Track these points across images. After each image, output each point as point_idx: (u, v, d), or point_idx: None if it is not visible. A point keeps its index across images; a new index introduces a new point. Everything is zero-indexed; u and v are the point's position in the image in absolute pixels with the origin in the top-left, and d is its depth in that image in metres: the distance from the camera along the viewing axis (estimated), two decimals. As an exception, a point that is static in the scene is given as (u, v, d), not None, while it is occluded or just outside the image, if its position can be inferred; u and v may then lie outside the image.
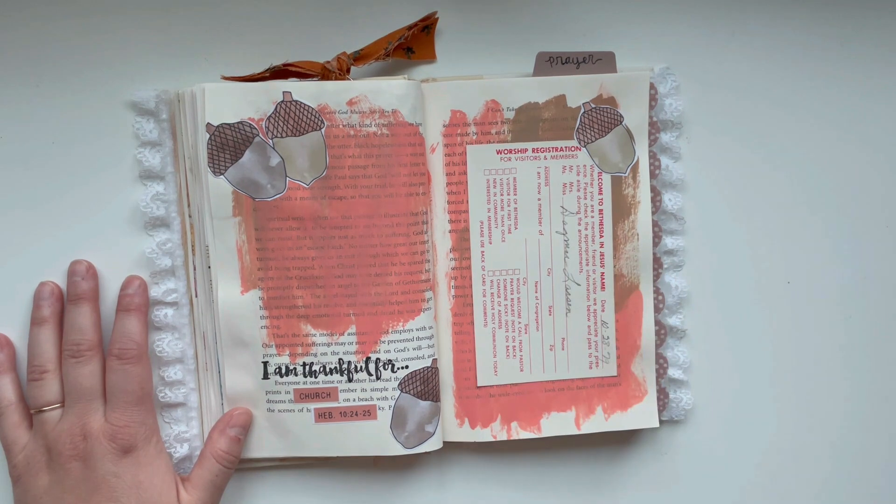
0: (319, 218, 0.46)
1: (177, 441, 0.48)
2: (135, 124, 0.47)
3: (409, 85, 0.46)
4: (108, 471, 0.43)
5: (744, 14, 0.51)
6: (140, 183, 0.48)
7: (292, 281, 0.47)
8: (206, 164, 0.46)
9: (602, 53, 0.48)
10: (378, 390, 0.48)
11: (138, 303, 0.46)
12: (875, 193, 0.52)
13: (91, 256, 0.47)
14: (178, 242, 0.48)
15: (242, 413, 0.47)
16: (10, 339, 0.47)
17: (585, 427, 0.50)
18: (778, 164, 0.51)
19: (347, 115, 0.46)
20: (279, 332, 0.47)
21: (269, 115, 0.45)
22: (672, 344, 0.51)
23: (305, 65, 0.46)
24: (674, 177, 0.50)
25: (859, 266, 0.53)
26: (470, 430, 0.50)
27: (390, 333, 0.47)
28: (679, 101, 0.50)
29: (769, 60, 0.51)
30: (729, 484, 0.53)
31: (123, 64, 0.47)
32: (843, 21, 0.51)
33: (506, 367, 0.50)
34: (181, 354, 0.48)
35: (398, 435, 0.48)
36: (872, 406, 0.53)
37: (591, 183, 0.49)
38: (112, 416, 0.44)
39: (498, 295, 0.49)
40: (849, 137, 0.52)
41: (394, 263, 0.47)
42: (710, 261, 0.51)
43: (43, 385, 0.45)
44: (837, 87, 0.52)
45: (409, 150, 0.47)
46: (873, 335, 0.53)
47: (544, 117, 0.48)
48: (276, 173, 0.46)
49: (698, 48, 0.50)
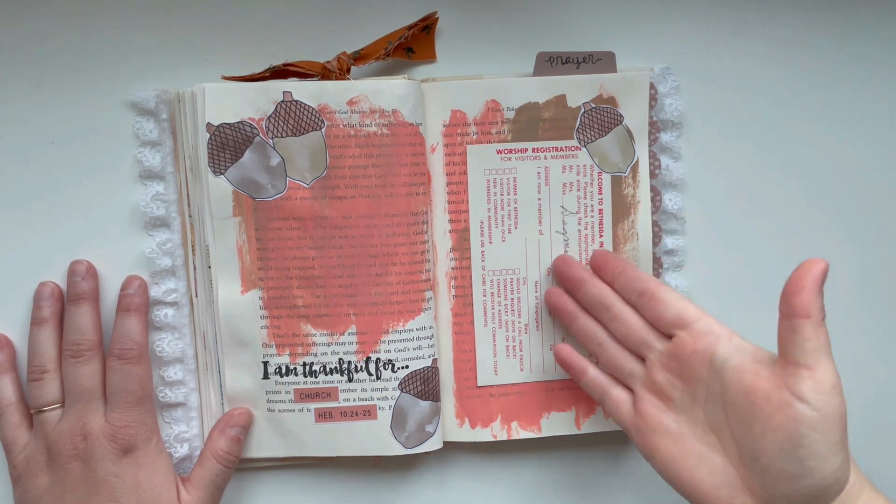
0: (319, 218, 0.46)
1: (177, 441, 0.48)
2: (135, 124, 0.47)
3: (410, 85, 0.46)
4: (109, 471, 0.43)
5: (744, 14, 0.51)
6: (140, 183, 0.48)
7: (292, 281, 0.47)
8: (207, 164, 0.46)
9: (602, 53, 0.48)
10: (378, 390, 0.48)
11: (138, 303, 0.46)
12: (875, 193, 0.52)
13: (91, 256, 0.47)
14: (178, 242, 0.48)
15: (242, 413, 0.47)
16: (10, 339, 0.47)
17: (585, 427, 0.50)
18: (778, 164, 0.52)
19: (347, 115, 0.46)
20: (279, 332, 0.47)
21: (269, 114, 0.45)
22: (672, 344, 0.51)
23: (305, 65, 0.46)
24: (674, 177, 0.50)
25: (859, 266, 0.53)
26: (470, 430, 0.50)
27: (390, 333, 0.47)
28: (679, 101, 0.50)
29: (769, 60, 0.51)
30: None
31: (123, 64, 0.47)
32: (843, 21, 0.51)
33: (506, 366, 0.50)
34: (181, 354, 0.48)
35: (398, 435, 0.48)
36: (873, 406, 0.53)
37: (591, 183, 0.49)
38: (112, 417, 0.44)
39: (498, 295, 0.49)
40: (849, 137, 0.52)
41: (394, 263, 0.47)
42: (710, 261, 0.51)
43: (43, 385, 0.45)
44: (837, 87, 0.52)
45: (410, 150, 0.47)
46: (873, 335, 0.53)
47: (544, 117, 0.48)
48: (277, 173, 0.46)
49: (698, 48, 0.50)
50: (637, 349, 0.44)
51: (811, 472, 0.36)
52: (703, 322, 0.41)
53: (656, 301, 0.43)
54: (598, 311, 0.45)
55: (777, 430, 0.37)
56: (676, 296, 0.43)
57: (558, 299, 0.47)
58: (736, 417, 0.39)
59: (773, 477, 0.37)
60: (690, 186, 0.51)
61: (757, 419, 0.37)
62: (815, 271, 0.37)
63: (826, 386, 0.36)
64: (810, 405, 0.36)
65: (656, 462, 0.42)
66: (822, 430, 0.36)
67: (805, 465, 0.36)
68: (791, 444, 0.36)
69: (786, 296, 0.38)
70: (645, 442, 0.42)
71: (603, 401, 0.45)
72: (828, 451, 0.36)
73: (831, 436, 0.36)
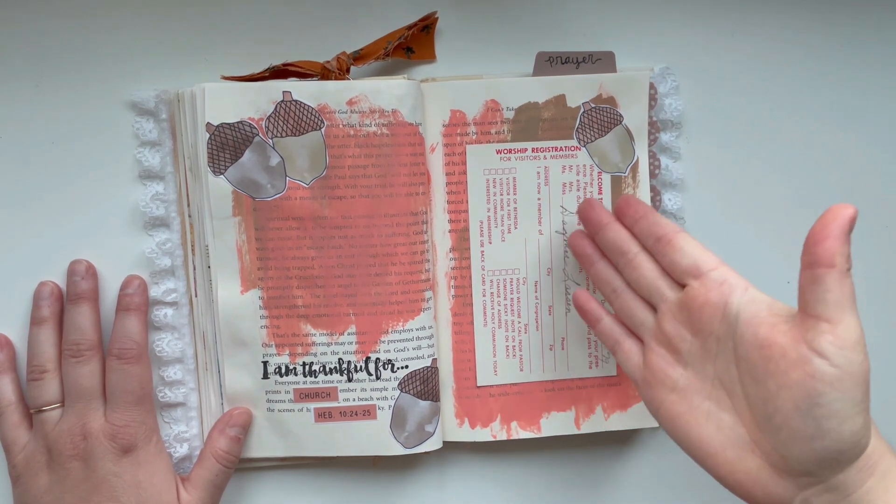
0: (319, 218, 0.46)
1: (176, 441, 0.48)
2: (134, 124, 0.47)
3: (409, 85, 0.46)
4: (109, 470, 0.43)
5: (744, 14, 0.51)
6: (140, 183, 0.48)
7: (292, 281, 0.47)
8: (206, 164, 0.46)
9: (602, 53, 0.48)
10: (378, 390, 0.48)
11: (138, 302, 0.46)
12: (875, 193, 0.52)
13: (91, 256, 0.47)
14: (177, 242, 0.48)
15: (242, 413, 0.47)
16: (9, 339, 0.47)
17: (585, 427, 0.50)
18: (778, 164, 0.51)
19: (347, 115, 0.46)
20: (279, 332, 0.47)
21: (268, 114, 0.46)
22: (672, 344, 0.51)
23: (305, 65, 0.46)
24: (673, 177, 0.50)
25: (859, 266, 0.52)
26: (470, 430, 0.50)
27: (390, 333, 0.47)
28: (679, 101, 0.50)
29: (769, 60, 0.51)
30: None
31: (123, 64, 0.47)
32: (843, 21, 0.51)
33: (505, 366, 0.50)
34: (181, 354, 0.48)
35: (398, 435, 0.48)
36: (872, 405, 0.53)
37: (590, 183, 0.49)
38: (112, 416, 0.44)
39: (497, 294, 0.49)
40: (849, 137, 0.52)
41: (394, 263, 0.47)
42: (710, 261, 0.51)
43: (43, 385, 0.45)
44: (837, 87, 0.52)
45: (409, 150, 0.47)
46: (874, 335, 0.53)
47: (544, 117, 0.48)
48: (276, 173, 0.46)
49: (698, 48, 0.50)
50: (650, 298, 0.41)
51: (827, 433, 0.33)
52: (718, 272, 0.38)
53: (672, 248, 0.40)
54: (616, 256, 0.43)
55: (793, 387, 0.34)
56: (695, 244, 0.40)
57: (579, 241, 0.45)
58: (749, 373, 0.36)
59: (787, 437, 0.34)
60: (690, 186, 0.51)
61: (771, 375, 0.35)
62: (842, 218, 0.34)
63: (848, 341, 0.33)
64: (830, 361, 0.33)
65: (662, 418, 0.40)
66: (841, 389, 0.33)
67: (821, 426, 0.33)
68: (807, 402, 0.33)
69: (809, 244, 0.34)
70: (651, 395, 0.40)
71: (615, 351, 0.43)
72: (847, 411, 0.33)
73: (851, 395, 0.33)
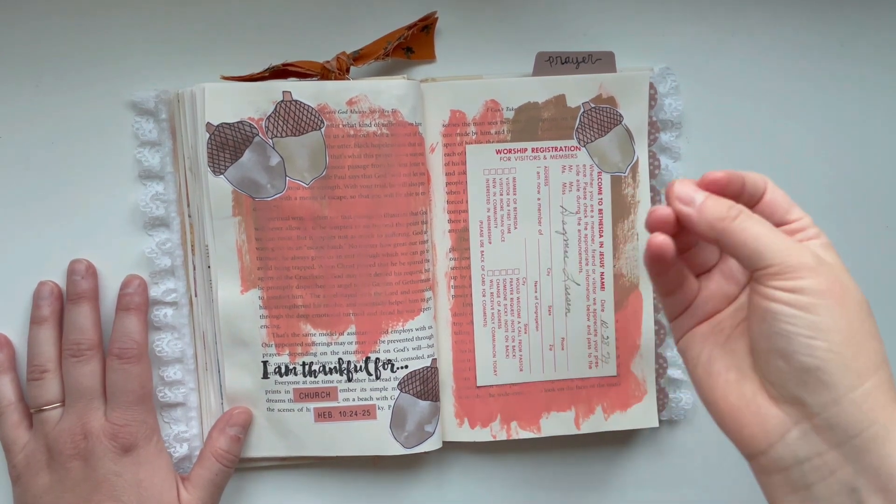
0: (319, 218, 0.46)
1: (176, 441, 0.48)
2: (134, 124, 0.47)
3: (409, 85, 0.46)
4: (109, 470, 0.44)
5: (744, 14, 0.51)
6: (140, 183, 0.48)
7: (292, 280, 0.47)
8: (206, 164, 0.46)
9: (602, 53, 0.48)
10: (378, 390, 0.48)
11: (138, 302, 0.46)
12: (875, 193, 0.52)
13: (91, 256, 0.47)
14: (177, 242, 0.48)
15: (242, 412, 0.47)
16: (9, 339, 0.47)
17: (585, 427, 0.50)
18: (777, 164, 0.51)
19: (347, 115, 0.46)
20: (279, 332, 0.47)
21: (268, 114, 0.46)
22: (672, 344, 0.51)
23: (305, 65, 0.46)
24: (673, 177, 0.50)
25: (859, 266, 0.52)
26: (469, 430, 0.50)
27: (390, 333, 0.47)
28: (679, 101, 0.50)
29: (769, 60, 0.51)
30: (729, 484, 0.53)
31: (123, 64, 0.47)
32: (842, 21, 0.51)
33: (505, 366, 0.50)
34: (181, 354, 0.48)
35: (398, 435, 0.48)
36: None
37: (590, 183, 0.49)
38: (112, 416, 0.44)
39: (497, 295, 0.49)
40: (848, 137, 0.52)
41: (393, 263, 0.47)
42: (710, 261, 0.51)
43: (43, 384, 0.45)
44: (837, 87, 0.52)
45: (409, 150, 0.47)
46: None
47: (544, 117, 0.48)
48: (276, 173, 0.46)
49: (698, 48, 0.50)
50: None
51: (799, 348, 0.34)
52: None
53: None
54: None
55: (759, 315, 0.35)
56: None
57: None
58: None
59: (766, 359, 0.35)
60: (690, 186, 0.51)
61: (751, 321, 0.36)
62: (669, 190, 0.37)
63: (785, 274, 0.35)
64: (782, 301, 0.34)
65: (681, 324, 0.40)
66: (798, 307, 0.34)
67: (791, 340, 0.34)
68: (772, 322, 0.34)
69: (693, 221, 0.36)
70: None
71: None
72: (813, 327, 0.34)
73: (813, 318, 0.34)
